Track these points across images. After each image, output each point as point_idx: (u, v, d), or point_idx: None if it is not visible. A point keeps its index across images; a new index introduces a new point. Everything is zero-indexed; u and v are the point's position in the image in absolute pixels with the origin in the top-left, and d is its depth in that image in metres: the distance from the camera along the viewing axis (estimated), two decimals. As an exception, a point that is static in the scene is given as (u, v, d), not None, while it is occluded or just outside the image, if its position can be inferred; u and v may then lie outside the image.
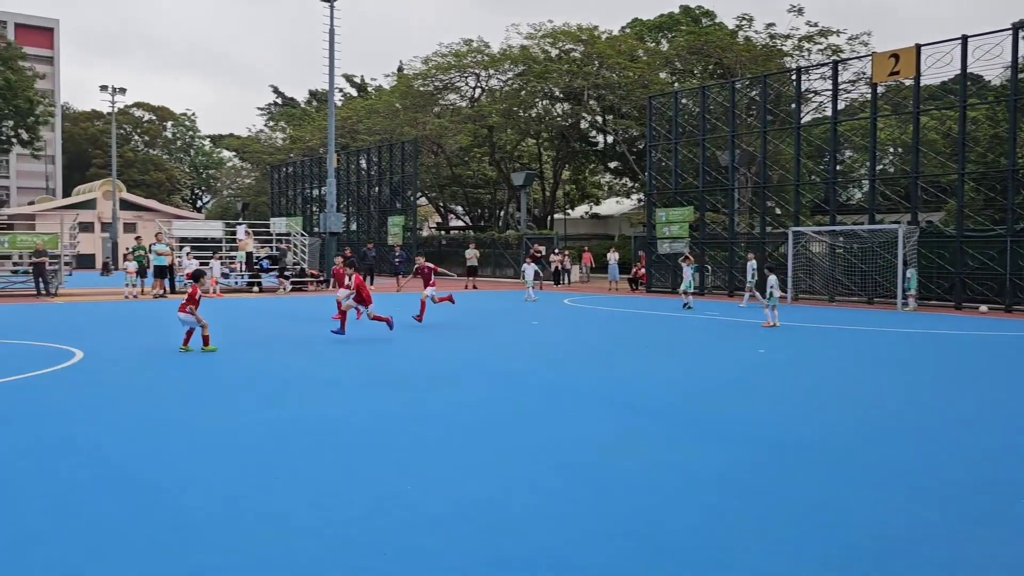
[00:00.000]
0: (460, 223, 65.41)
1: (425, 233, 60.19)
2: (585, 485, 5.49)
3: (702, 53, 41.84)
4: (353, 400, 8.56)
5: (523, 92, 47.03)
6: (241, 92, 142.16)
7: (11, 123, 63.64)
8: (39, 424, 7.27)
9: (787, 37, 40.98)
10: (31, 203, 70.71)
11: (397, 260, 33.84)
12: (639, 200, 54.50)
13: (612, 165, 55.65)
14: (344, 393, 8.97)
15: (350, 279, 14.73)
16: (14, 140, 65.17)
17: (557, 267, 35.75)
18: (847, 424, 7.50)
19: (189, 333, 12.47)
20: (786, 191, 30.51)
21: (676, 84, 42.87)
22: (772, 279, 16.81)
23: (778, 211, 31.83)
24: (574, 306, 23.37)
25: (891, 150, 37.73)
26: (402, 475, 5.68)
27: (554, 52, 46.81)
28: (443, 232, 61.55)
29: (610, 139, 51.47)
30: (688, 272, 22.66)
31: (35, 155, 69.47)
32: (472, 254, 33.39)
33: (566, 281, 36.63)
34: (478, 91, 52.16)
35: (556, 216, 58.14)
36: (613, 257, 34.13)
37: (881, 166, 34.72)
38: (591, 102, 46.32)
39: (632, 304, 24.38)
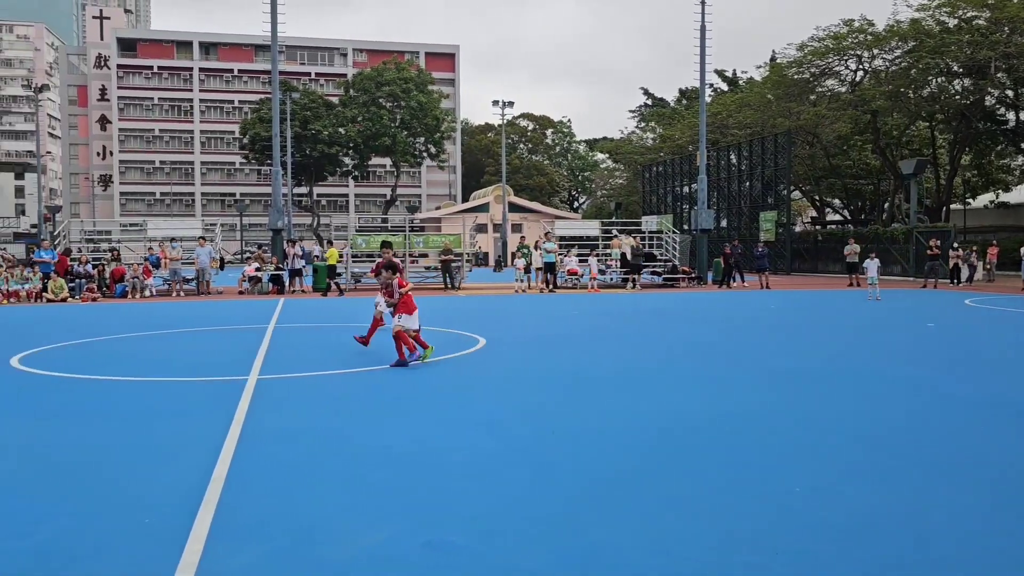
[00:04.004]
0: (837, 217, 61.38)
1: (799, 228, 57.48)
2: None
3: None
4: (715, 394, 8.55)
5: (913, 71, 42.59)
6: (613, 96, 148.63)
7: (422, 139, 73.94)
8: (452, 400, 8.35)
9: None
10: (437, 208, 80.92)
11: (759, 257, 32.72)
12: (1063, 185, 46.56)
13: (1026, 146, 48.18)
14: (705, 387, 8.98)
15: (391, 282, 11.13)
16: (424, 154, 75.66)
17: (956, 264, 31.85)
18: None
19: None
20: None
21: (1118, 43, 35.77)
22: None
23: None
24: (978, 307, 20.69)
25: None
26: (793, 477, 5.59)
27: (952, 22, 41.72)
28: (819, 227, 58.24)
29: (1024, 116, 44.60)
30: None
31: (440, 166, 79.71)
32: (851, 249, 31.16)
33: (967, 280, 32.49)
34: (860, 74, 48.44)
35: (953, 207, 51.90)
36: (1031, 252, 29.58)
37: None
38: (999, 75, 40.47)
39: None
